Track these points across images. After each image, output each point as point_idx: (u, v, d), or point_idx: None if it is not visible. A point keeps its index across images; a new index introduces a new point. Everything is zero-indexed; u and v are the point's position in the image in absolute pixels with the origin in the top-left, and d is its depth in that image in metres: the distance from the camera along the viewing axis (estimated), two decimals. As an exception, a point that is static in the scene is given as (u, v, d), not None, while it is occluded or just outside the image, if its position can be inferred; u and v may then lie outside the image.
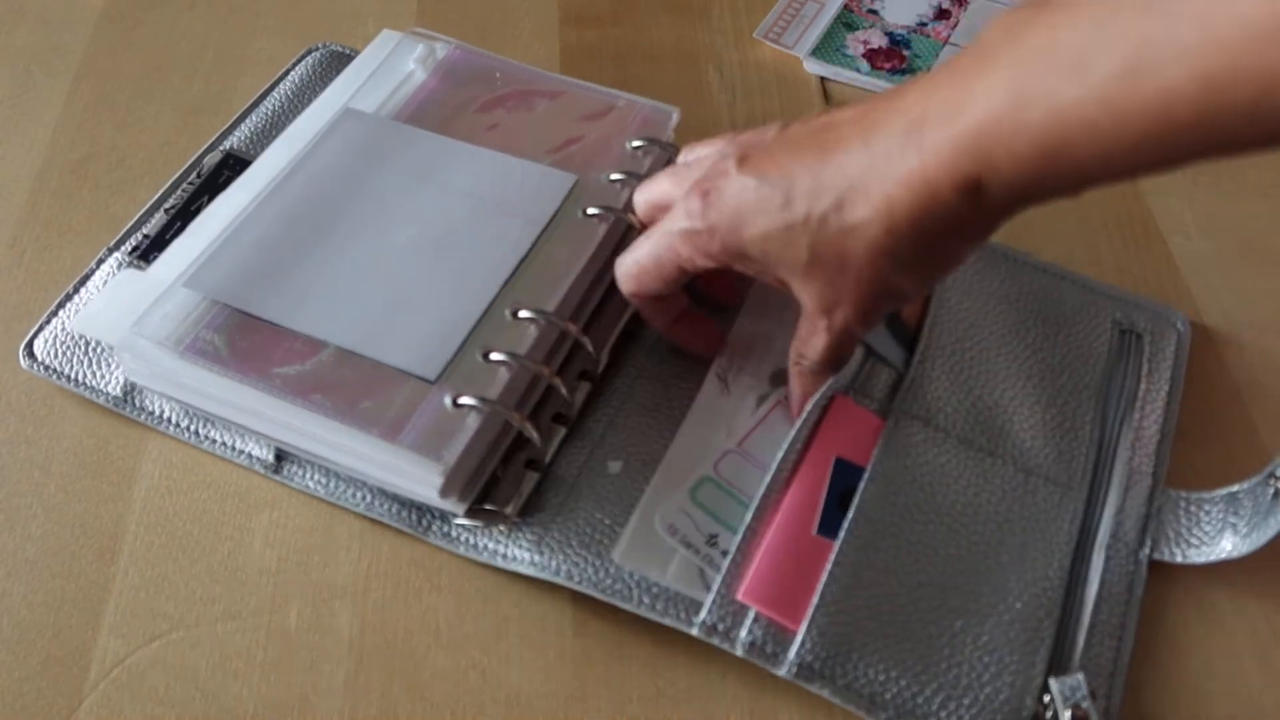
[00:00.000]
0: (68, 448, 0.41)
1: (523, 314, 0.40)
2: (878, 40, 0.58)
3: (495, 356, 0.39)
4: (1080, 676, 0.34)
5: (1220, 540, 0.37)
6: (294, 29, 0.58)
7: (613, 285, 0.43)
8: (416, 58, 0.50)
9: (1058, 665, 0.35)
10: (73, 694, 0.36)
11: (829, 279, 0.34)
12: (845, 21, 0.59)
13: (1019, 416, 0.40)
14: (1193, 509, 0.38)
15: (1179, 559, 0.38)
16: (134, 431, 0.42)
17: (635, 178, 0.44)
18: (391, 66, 0.50)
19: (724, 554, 0.37)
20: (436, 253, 0.42)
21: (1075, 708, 0.33)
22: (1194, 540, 0.38)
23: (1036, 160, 0.28)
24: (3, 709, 0.35)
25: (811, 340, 0.37)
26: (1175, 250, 0.49)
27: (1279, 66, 0.23)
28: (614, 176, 0.45)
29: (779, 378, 0.42)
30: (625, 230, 0.44)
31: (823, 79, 0.57)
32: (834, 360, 0.38)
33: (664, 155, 0.46)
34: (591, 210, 0.43)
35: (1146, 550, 0.38)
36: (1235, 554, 0.36)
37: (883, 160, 0.31)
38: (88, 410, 0.42)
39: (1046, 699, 0.34)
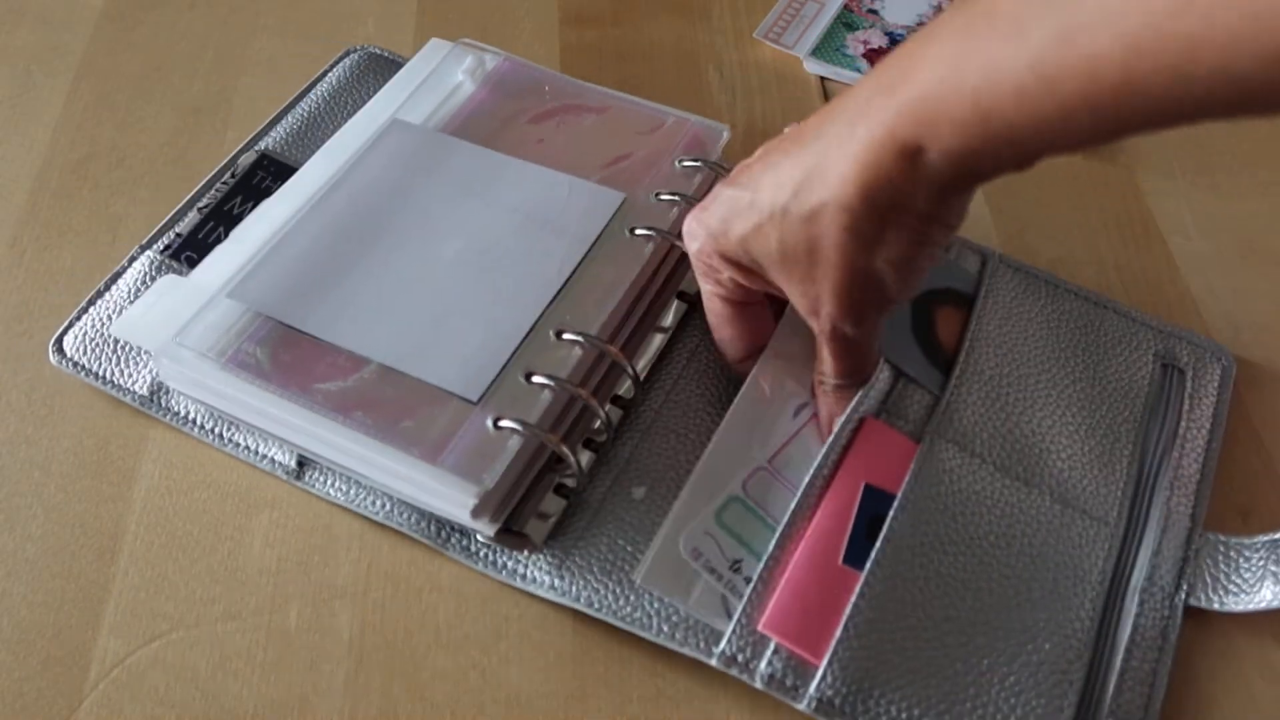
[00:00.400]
0: (68, 448, 0.41)
1: (567, 335, 0.39)
2: (878, 40, 0.58)
3: (538, 379, 0.38)
4: None
5: (1260, 588, 0.35)
6: (294, 29, 0.58)
7: (650, 307, 0.42)
8: (465, 69, 0.50)
9: (1086, 711, 0.34)
10: (73, 694, 0.36)
11: (803, 271, 0.34)
12: (845, 21, 0.59)
13: (1057, 446, 0.40)
14: (1232, 554, 0.37)
15: (1216, 606, 0.36)
16: (134, 432, 0.42)
17: (684, 197, 0.44)
18: (440, 77, 0.50)
19: (747, 581, 0.36)
20: (482, 269, 0.42)
21: None
22: (1233, 587, 0.36)
23: (974, 127, 0.28)
24: (3, 709, 0.35)
25: (821, 355, 0.38)
26: (1175, 250, 0.49)
27: (1199, 32, 0.23)
28: (663, 195, 0.44)
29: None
30: (669, 251, 0.43)
31: (823, 79, 0.57)
32: (848, 371, 0.38)
33: (712, 174, 0.45)
34: (639, 230, 0.43)
35: (1182, 595, 0.37)
36: (1276, 604, 0.35)
37: (834, 142, 0.31)
38: (87, 410, 0.42)
39: None
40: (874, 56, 0.57)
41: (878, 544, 0.36)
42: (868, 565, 0.35)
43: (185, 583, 0.38)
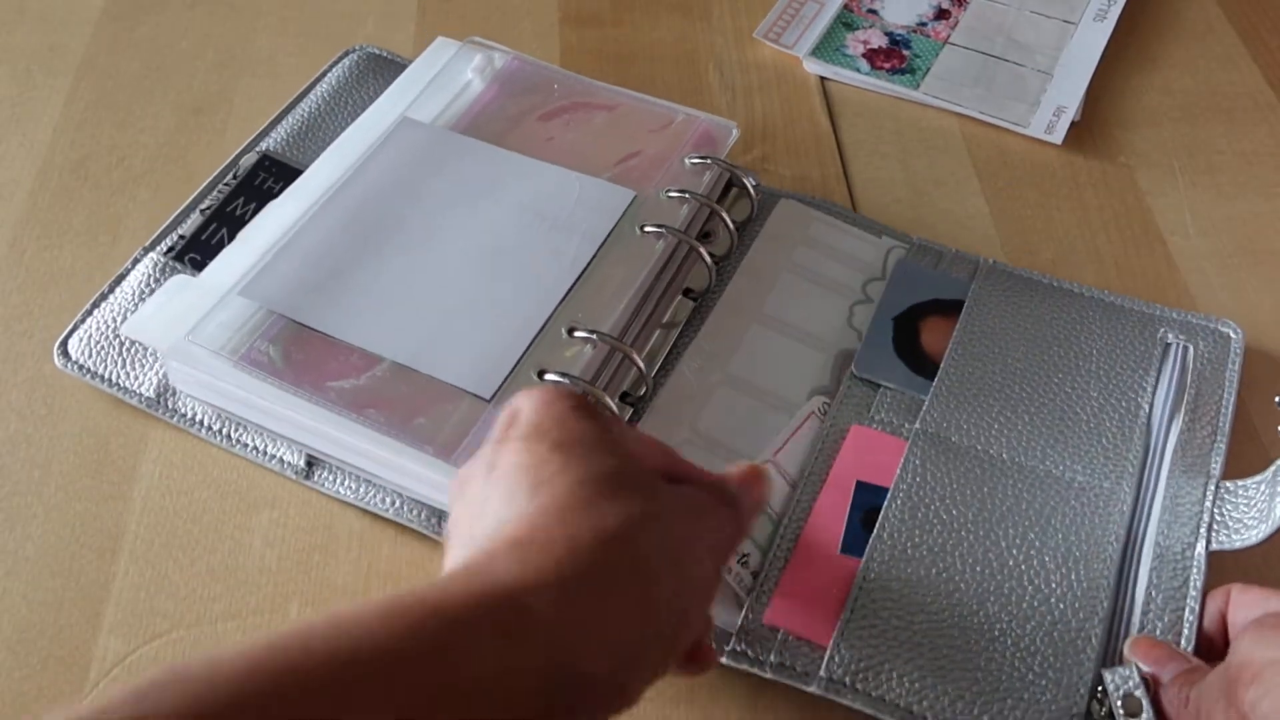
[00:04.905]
0: (68, 447, 0.41)
1: (579, 333, 0.40)
2: (877, 40, 0.58)
3: (550, 376, 0.38)
4: (1134, 665, 0.34)
5: (1272, 511, 0.36)
6: (294, 29, 0.58)
7: (658, 303, 0.42)
8: (474, 67, 0.50)
9: (1109, 661, 0.35)
10: (73, 694, 0.36)
11: None
12: (845, 21, 0.59)
13: (1059, 424, 0.40)
14: (1247, 493, 0.38)
15: (1238, 544, 0.37)
16: (135, 431, 0.42)
17: (693, 194, 0.44)
18: (449, 75, 0.50)
19: (753, 574, 0.37)
20: (493, 267, 0.42)
21: (1128, 696, 0.33)
22: (1250, 521, 0.37)
23: None
24: (3, 709, 0.35)
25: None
26: (1175, 250, 0.49)
27: None
28: (672, 193, 0.44)
29: (816, 390, 0.42)
30: (677, 247, 0.43)
31: (822, 79, 0.57)
32: None
33: (718, 171, 0.46)
34: (649, 227, 0.43)
35: (1201, 545, 0.37)
36: None
37: None
38: (88, 409, 0.42)
39: (1100, 690, 0.34)
40: (874, 56, 0.57)
41: (874, 531, 0.37)
42: (866, 551, 0.37)
43: (185, 582, 0.38)
